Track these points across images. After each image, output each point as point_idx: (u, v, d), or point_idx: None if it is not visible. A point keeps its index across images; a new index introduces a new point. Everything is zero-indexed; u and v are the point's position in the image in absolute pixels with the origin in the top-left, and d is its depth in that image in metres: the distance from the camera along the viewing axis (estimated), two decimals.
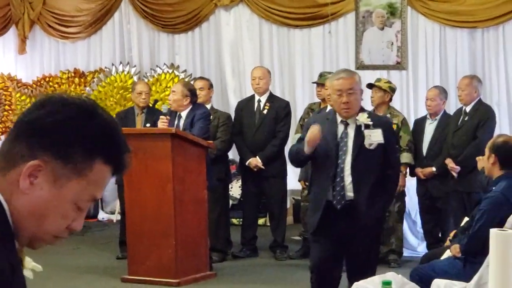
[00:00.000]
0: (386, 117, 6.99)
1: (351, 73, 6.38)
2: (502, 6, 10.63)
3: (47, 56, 13.79)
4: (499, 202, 6.18)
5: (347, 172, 6.13)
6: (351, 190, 6.13)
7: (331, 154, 6.14)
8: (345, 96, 6.05)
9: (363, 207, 6.12)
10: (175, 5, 12.75)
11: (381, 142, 6.04)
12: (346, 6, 11.60)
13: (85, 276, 9.12)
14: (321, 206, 6.20)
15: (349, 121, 6.17)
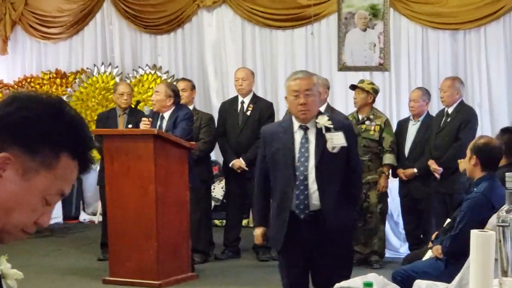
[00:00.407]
0: (346, 119, 6.61)
1: (309, 74, 6.00)
2: (484, 8, 10.67)
3: (28, 57, 13.76)
4: (480, 203, 6.20)
5: (311, 180, 5.70)
6: (316, 199, 5.71)
7: (290, 164, 5.74)
8: (302, 98, 5.66)
9: (331, 216, 5.71)
10: (158, 6, 12.75)
11: (344, 145, 5.71)
12: (328, 7, 11.62)
13: (66, 277, 9.09)
14: (285, 218, 5.76)
15: (309, 125, 5.77)
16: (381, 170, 9.67)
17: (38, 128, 1.96)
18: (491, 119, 10.67)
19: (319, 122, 5.66)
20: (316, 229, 5.68)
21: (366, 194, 9.64)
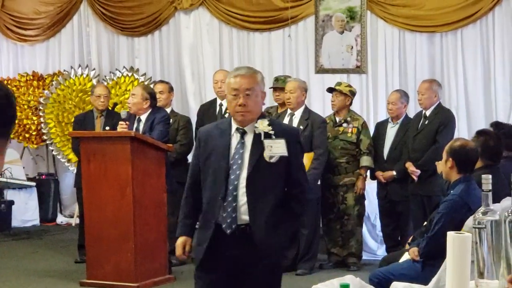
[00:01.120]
0: (294, 127, 5.85)
1: (253, 71, 5.22)
2: (460, 11, 10.72)
3: (5, 59, 13.71)
4: (456, 205, 6.22)
5: (242, 191, 4.95)
6: (245, 213, 4.97)
7: (221, 171, 5.02)
8: (241, 97, 4.96)
9: (261, 233, 4.95)
10: (135, 8, 12.73)
11: (284, 155, 4.95)
12: (305, 10, 11.64)
13: (43, 279, 9.06)
14: (210, 231, 5.03)
15: (247, 129, 5.04)
16: (358, 172, 9.69)
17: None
18: (467, 121, 10.71)
19: (257, 127, 4.99)
20: (243, 246, 4.95)
21: (343, 196, 9.67)
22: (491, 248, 3.78)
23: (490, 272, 3.79)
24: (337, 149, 9.68)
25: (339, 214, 9.71)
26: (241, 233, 4.95)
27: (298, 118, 9.50)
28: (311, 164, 9.30)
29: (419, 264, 6.54)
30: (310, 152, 9.34)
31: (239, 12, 12.06)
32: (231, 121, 5.11)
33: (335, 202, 9.70)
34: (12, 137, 13.31)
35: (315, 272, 9.44)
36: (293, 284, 8.81)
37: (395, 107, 9.77)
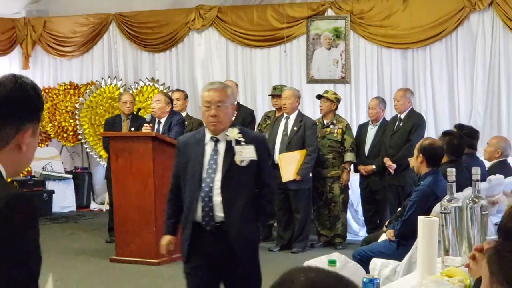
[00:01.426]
0: (260, 134, 5.53)
1: (224, 85, 5.02)
2: (429, 30, 10.70)
3: (46, 71, 13.69)
4: (426, 194, 6.22)
5: (217, 191, 4.78)
6: (221, 211, 4.80)
7: (197, 175, 4.84)
8: (213, 109, 4.78)
9: (234, 228, 4.82)
10: (155, 28, 12.71)
11: (254, 159, 4.82)
12: (298, 30, 11.62)
13: (79, 256, 9.08)
14: (189, 230, 4.90)
15: (220, 137, 4.86)
16: (343, 167, 9.69)
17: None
18: (435, 123, 10.69)
19: (228, 135, 4.83)
20: (220, 241, 4.82)
21: (330, 187, 9.67)
22: (455, 230, 3.78)
23: (454, 250, 3.79)
24: (325, 147, 9.68)
25: (327, 201, 9.71)
26: (218, 230, 4.80)
27: (292, 120, 9.49)
28: (304, 159, 9.30)
29: (395, 244, 6.53)
30: (303, 149, 9.34)
31: (242, 31, 12.03)
32: (205, 131, 4.93)
33: (324, 192, 9.70)
34: (52, 136, 13.33)
35: (307, 250, 9.44)
36: (289, 260, 8.81)
37: (374, 111, 9.76)
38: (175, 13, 12.47)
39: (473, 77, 10.53)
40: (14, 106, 2.39)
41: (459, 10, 10.48)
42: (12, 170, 2.35)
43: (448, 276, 3.30)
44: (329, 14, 11.45)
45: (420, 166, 6.41)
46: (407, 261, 5.47)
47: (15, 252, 2.16)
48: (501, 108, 10.40)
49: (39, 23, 13.34)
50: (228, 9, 12.11)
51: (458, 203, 3.79)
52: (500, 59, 10.35)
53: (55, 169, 12.47)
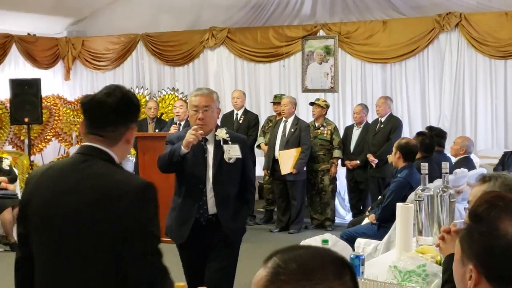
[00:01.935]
0: (242, 135, 5.18)
1: (210, 92, 4.71)
2: (405, 48, 10.68)
3: (84, 82, 13.69)
4: (402, 185, 6.21)
5: (209, 187, 4.51)
6: (213, 205, 4.53)
7: (199, 169, 4.53)
8: (200, 113, 4.49)
9: (226, 220, 4.55)
10: (175, 46, 12.70)
11: (239, 157, 4.56)
12: (295, 47, 11.60)
13: None
14: (190, 223, 4.55)
15: (208, 138, 4.57)
16: (332, 161, 9.68)
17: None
18: (409, 126, 10.66)
19: (217, 135, 4.56)
20: (214, 232, 4.54)
21: (321, 178, 9.65)
22: (427, 214, 3.77)
23: (426, 232, 3.78)
24: (316, 145, 9.67)
25: (318, 190, 9.70)
26: (211, 221, 4.53)
27: (290, 123, 9.48)
28: (299, 156, 9.29)
29: (376, 226, 6.53)
30: (298, 147, 9.33)
31: (248, 49, 12.02)
32: None
33: (316, 182, 9.68)
34: None
35: (302, 232, 9.42)
36: (287, 240, 8.79)
37: (358, 116, 9.75)
38: (192, 34, 12.46)
39: (442, 87, 10.52)
40: (124, 110, 2.66)
41: (430, 30, 10.47)
42: (120, 159, 2.68)
43: (421, 253, 3.29)
44: (321, 34, 11.43)
45: (398, 161, 6.40)
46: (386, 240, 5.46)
47: (156, 226, 2.65)
48: (465, 112, 10.39)
49: (78, 41, 13.34)
50: (236, 30, 12.10)
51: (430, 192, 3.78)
52: (465, 71, 10.34)
53: None
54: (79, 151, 2.63)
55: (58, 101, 13.02)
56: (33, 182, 2.63)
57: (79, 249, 2.46)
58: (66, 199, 2.50)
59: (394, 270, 3.00)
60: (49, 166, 2.72)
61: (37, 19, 12.53)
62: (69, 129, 13.11)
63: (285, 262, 1.42)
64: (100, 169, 2.57)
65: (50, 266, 2.52)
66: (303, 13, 11.59)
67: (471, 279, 1.67)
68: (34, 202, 2.56)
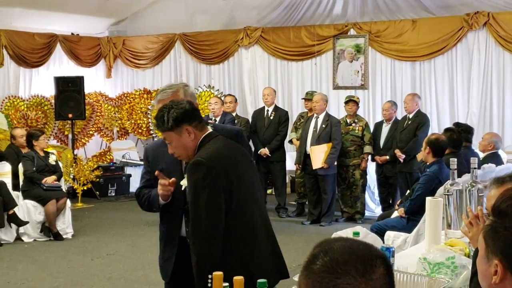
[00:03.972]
0: (237, 127, 4.55)
1: (173, 90, 3.68)
2: (433, 47, 10.58)
3: (125, 80, 13.81)
4: (432, 179, 6.17)
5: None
6: (185, 225, 3.47)
7: (177, 185, 3.43)
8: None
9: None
10: (211, 45, 12.74)
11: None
12: (326, 46, 11.56)
13: (151, 227, 9.02)
14: (174, 246, 3.53)
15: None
16: (362, 157, 9.64)
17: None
18: (438, 122, 10.57)
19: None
20: (187, 255, 3.37)
21: (352, 173, 9.62)
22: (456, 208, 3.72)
23: (455, 225, 3.74)
24: (348, 141, 9.63)
25: (349, 184, 9.66)
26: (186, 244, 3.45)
27: (321, 119, 9.45)
28: (330, 151, 9.27)
29: (405, 219, 6.49)
30: (329, 143, 9.30)
31: (281, 48, 12.02)
32: None
33: (347, 177, 9.65)
34: (130, 132, 13.42)
35: (333, 224, 9.40)
36: (318, 232, 8.79)
37: (387, 112, 9.68)
38: (227, 33, 12.49)
39: (470, 84, 10.40)
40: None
41: (458, 29, 10.35)
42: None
43: (450, 246, 3.25)
44: (352, 33, 11.37)
45: (427, 156, 6.35)
46: (415, 233, 5.41)
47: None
48: (493, 109, 10.27)
49: (119, 41, 13.46)
50: (269, 30, 12.09)
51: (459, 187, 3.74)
52: (492, 69, 10.22)
53: (132, 157, 12.57)
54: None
55: (100, 98, 13.17)
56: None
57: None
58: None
59: (423, 262, 2.97)
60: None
61: (80, 19, 12.68)
62: (111, 124, 13.25)
63: (322, 252, 1.43)
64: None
65: None
66: (334, 13, 11.55)
67: (497, 274, 1.65)
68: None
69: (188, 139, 3.25)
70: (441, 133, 7.05)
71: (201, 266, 3.07)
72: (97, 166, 11.79)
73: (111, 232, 9.13)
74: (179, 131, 3.24)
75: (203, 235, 3.09)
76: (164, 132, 3.27)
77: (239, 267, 3.04)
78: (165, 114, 3.25)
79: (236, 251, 3.16)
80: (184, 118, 3.23)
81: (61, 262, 7.51)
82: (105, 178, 11.81)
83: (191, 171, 3.15)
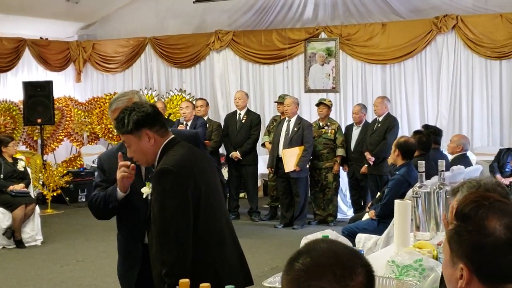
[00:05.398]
0: (193, 131, 3.93)
1: (127, 98, 3.51)
2: (403, 49, 10.67)
3: (95, 84, 13.71)
4: (401, 182, 6.21)
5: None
6: (147, 234, 3.29)
7: (138, 193, 3.32)
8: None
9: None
10: (182, 49, 12.70)
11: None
12: (298, 49, 11.60)
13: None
14: (138, 254, 3.37)
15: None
16: (335, 159, 9.68)
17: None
18: (408, 124, 10.65)
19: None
20: (147, 265, 3.26)
21: (325, 176, 9.65)
22: (424, 210, 3.76)
23: (424, 227, 3.78)
24: (320, 144, 9.67)
25: (322, 187, 9.70)
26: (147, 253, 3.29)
27: (293, 123, 9.48)
28: (302, 154, 9.31)
29: (376, 222, 6.52)
30: (301, 146, 9.33)
31: (252, 51, 12.02)
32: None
33: (319, 180, 9.69)
34: (100, 136, 13.32)
35: (305, 227, 9.42)
36: (291, 235, 8.80)
37: (357, 115, 9.74)
38: (198, 37, 12.47)
39: (439, 87, 10.50)
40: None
41: (428, 32, 10.45)
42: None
43: (419, 248, 3.28)
44: (322, 37, 11.42)
45: (397, 159, 6.40)
46: (385, 235, 5.45)
47: None
48: (462, 111, 10.38)
49: (89, 45, 13.37)
50: (241, 33, 12.10)
51: (427, 189, 3.77)
52: (461, 72, 10.33)
53: None
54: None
55: (70, 103, 13.06)
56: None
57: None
58: None
59: (392, 264, 2.99)
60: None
61: (49, 23, 12.56)
62: (80, 129, 13.14)
63: (306, 251, 1.44)
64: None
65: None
66: (305, 17, 11.59)
67: (462, 278, 1.65)
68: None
69: (148, 144, 3.11)
70: (410, 136, 7.12)
71: (171, 277, 2.91)
72: (67, 172, 11.68)
73: (81, 238, 9.05)
74: (138, 135, 3.10)
75: (173, 246, 2.95)
76: (123, 135, 3.14)
77: (207, 274, 2.98)
78: (126, 116, 3.11)
79: (205, 258, 3.08)
80: (145, 122, 3.10)
81: (30, 269, 7.42)
82: (75, 183, 11.69)
83: (157, 179, 3.01)
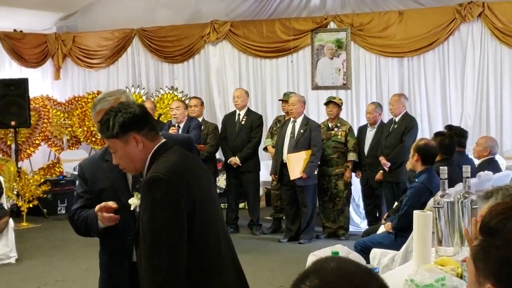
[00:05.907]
0: (187, 135, 4.08)
1: (114, 98, 3.49)
2: (422, 41, 10.67)
3: (76, 82, 13.73)
4: (421, 190, 6.19)
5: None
6: (135, 250, 3.25)
7: (125, 207, 3.32)
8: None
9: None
10: (174, 41, 12.72)
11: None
12: (304, 41, 11.60)
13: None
14: (125, 272, 3.44)
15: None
16: (346, 165, 9.66)
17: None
18: (429, 125, 10.66)
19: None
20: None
21: (335, 183, 9.63)
22: (447, 222, 3.75)
23: (446, 241, 3.76)
24: (330, 148, 9.65)
25: (331, 196, 9.68)
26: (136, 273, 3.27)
27: (299, 124, 9.47)
28: (309, 159, 9.28)
29: (393, 235, 6.51)
30: (308, 150, 9.32)
31: (253, 44, 12.03)
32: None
33: (329, 188, 9.67)
34: (82, 140, 13.32)
35: (313, 241, 9.41)
36: (296, 250, 8.79)
37: (371, 115, 9.71)
38: (192, 28, 12.48)
39: (464, 82, 10.50)
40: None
41: (450, 21, 10.45)
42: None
43: (441, 265, 3.27)
44: (332, 27, 11.43)
45: (416, 164, 6.38)
46: (404, 251, 5.43)
47: None
48: (490, 110, 10.37)
49: (69, 38, 13.38)
50: (239, 24, 12.11)
51: (450, 198, 3.75)
52: (489, 65, 10.33)
53: None
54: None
55: (48, 103, 13.05)
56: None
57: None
58: None
59: (410, 284, 2.98)
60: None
61: (24, 14, 12.57)
62: (60, 132, 13.14)
63: (314, 272, 1.43)
64: None
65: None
66: (312, 4, 11.60)
67: None
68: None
69: (136, 149, 3.05)
70: (431, 138, 7.10)
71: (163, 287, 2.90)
72: (44, 180, 11.66)
73: (60, 255, 9.04)
74: (125, 139, 3.04)
75: (165, 252, 2.90)
76: (108, 139, 3.07)
77: (203, 280, 2.98)
78: (110, 118, 3.03)
79: (198, 278, 3.02)
80: (132, 124, 3.03)
81: None
82: (53, 193, 11.67)
83: (147, 188, 2.95)
